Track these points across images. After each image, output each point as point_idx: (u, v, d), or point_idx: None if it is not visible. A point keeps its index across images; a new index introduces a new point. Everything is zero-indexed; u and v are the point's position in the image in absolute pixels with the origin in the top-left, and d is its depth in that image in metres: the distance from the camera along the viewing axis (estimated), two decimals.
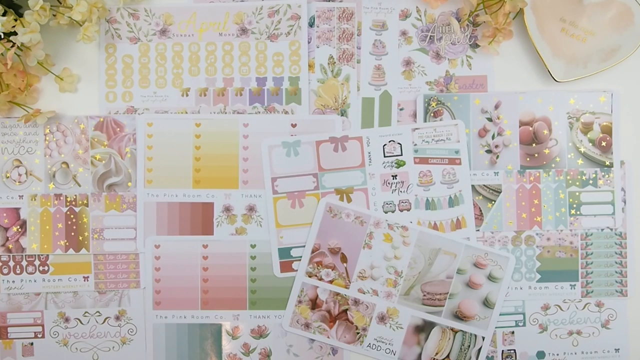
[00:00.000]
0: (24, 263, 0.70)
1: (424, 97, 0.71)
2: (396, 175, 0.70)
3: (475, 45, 0.71)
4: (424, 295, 0.69)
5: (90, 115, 0.71)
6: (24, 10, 0.64)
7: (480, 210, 0.70)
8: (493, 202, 0.70)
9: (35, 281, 0.70)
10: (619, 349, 0.71)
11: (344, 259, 0.70)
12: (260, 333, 0.71)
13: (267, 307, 0.70)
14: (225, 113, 0.71)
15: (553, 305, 0.71)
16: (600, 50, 0.69)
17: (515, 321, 0.71)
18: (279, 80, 0.71)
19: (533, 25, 0.68)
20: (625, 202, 0.71)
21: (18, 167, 0.70)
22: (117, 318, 0.71)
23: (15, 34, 0.63)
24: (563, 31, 0.69)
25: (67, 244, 0.70)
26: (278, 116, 0.71)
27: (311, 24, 0.71)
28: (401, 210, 0.70)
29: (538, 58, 0.70)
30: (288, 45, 0.71)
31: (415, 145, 0.70)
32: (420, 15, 0.72)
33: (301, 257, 0.70)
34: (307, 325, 0.70)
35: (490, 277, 0.70)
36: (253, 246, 0.70)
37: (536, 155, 0.71)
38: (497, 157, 0.70)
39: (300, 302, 0.70)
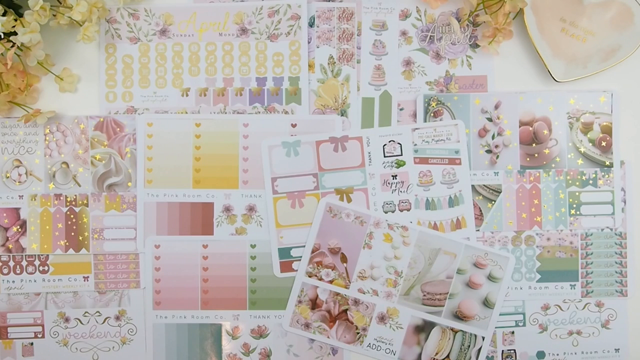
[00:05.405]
0: (24, 263, 0.70)
1: (424, 97, 0.71)
2: (396, 175, 0.70)
3: (475, 45, 0.71)
4: (424, 295, 0.69)
5: (90, 115, 0.71)
6: (24, 10, 0.64)
7: (480, 210, 0.70)
8: (493, 202, 0.70)
9: (35, 281, 0.70)
10: (619, 349, 0.71)
11: (344, 259, 0.70)
12: (260, 333, 0.71)
13: (267, 307, 0.70)
14: (225, 113, 0.71)
15: (553, 305, 0.71)
16: (600, 50, 0.69)
17: (515, 321, 0.71)
18: (279, 80, 0.71)
19: (533, 25, 0.68)
20: (625, 202, 0.71)
21: (18, 167, 0.70)
22: (117, 318, 0.71)
23: (15, 34, 0.63)
24: (563, 31, 0.69)
25: (67, 244, 0.70)
26: (278, 116, 0.71)
27: (311, 24, 0.71)
28: (401, 210, 0.70)
29: (538, 58, 0.70)
30: (288, 45, 0.71)
31: (415, 145, 0.70)
32: (420, 15, 0.72)
33: (301, 257, 0.70)
34: (307, 325, 0.70)
35: (490, 277, 0.70)
36: (253, 246, 0.70)
37: (536, 155, 0.71)
38: (497, 157, 0.70)
39: (300, 302, 0.70)
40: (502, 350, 0.71)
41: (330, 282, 0.70)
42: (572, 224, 0.71)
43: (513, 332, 0.71)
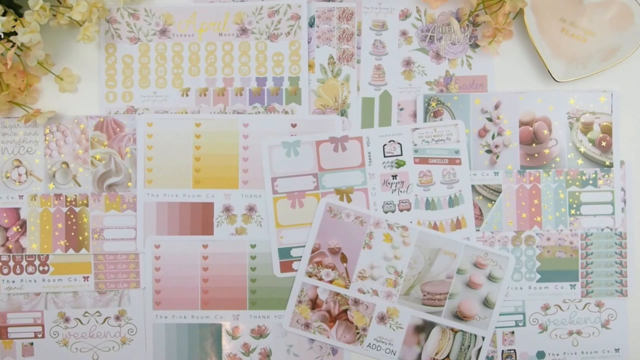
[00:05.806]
0: (24, 263, 0.70)
1: (424, 97, 0.71)
2: (396, 175, 0.70)
3: (475, 45, 0.71)
4: (424, 295, 0.69)
5: (90, 115, 0.71)
6: (24, 10, 0.64)
7: (480, 210, 0.70)
8: (493, 202, 0.70)
9: (35, 281, 0.70)
10: (619, 349, 0.71)
11: (344, 259, 0.70)
12: (260, 333, 0.71)
13: (267, 307, 0.70)
14: (225, 113, 0.71)
15: (553, 305, 0.71)
16: (600, 50, 0.69)
17: (515, 321, 0.71)
18: (279, 80, 0.71)
19: (533, 25, 0.68)
20: (625, 202, 0.71)
21: (18, 167, 0.70)
22: (117, 318, 0.71)
23: (15, 34, 0.63)
24: (563, 31, 0.69)
25: (67, 244, 0.70)
26: (278, 116, 0.71)
27: (311, 24, 0.71)
28: (401, 210, 0.70)
29: (538, 58, 0.70)
30: (288, 45, 0.71)
31: (415, 145, 0.70)
32: (420, 15, 0.72)
33: (301, 257, 0.70)
34: (307, 325, 0.70)
35: (490, 277, 0.70)
36: (253, 246, 0.70)
37: (536, 155, 0.71)
38: (497, 157, 0.70)
39: (300, 302, 0.70)
40: (502, 350, 0.71)
41: (330, 282, 0.70)
42: (572, 224, 0.71)
43: (513, 332, 0.71)
